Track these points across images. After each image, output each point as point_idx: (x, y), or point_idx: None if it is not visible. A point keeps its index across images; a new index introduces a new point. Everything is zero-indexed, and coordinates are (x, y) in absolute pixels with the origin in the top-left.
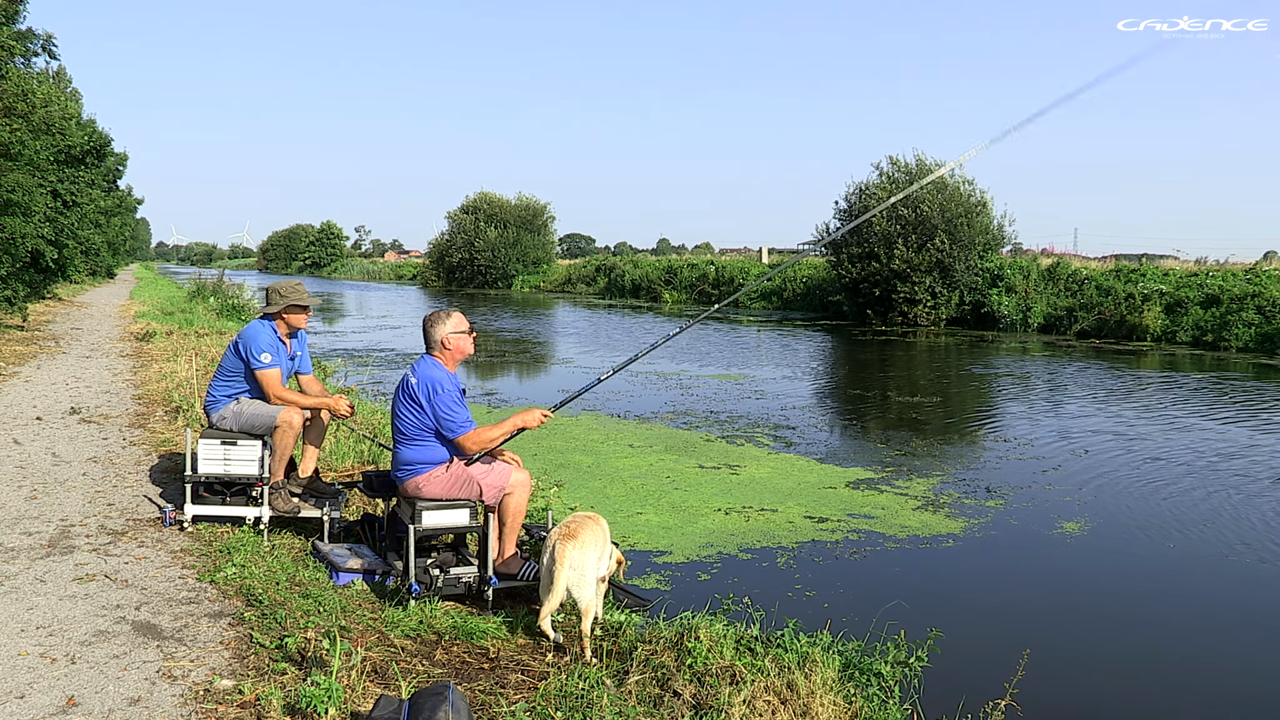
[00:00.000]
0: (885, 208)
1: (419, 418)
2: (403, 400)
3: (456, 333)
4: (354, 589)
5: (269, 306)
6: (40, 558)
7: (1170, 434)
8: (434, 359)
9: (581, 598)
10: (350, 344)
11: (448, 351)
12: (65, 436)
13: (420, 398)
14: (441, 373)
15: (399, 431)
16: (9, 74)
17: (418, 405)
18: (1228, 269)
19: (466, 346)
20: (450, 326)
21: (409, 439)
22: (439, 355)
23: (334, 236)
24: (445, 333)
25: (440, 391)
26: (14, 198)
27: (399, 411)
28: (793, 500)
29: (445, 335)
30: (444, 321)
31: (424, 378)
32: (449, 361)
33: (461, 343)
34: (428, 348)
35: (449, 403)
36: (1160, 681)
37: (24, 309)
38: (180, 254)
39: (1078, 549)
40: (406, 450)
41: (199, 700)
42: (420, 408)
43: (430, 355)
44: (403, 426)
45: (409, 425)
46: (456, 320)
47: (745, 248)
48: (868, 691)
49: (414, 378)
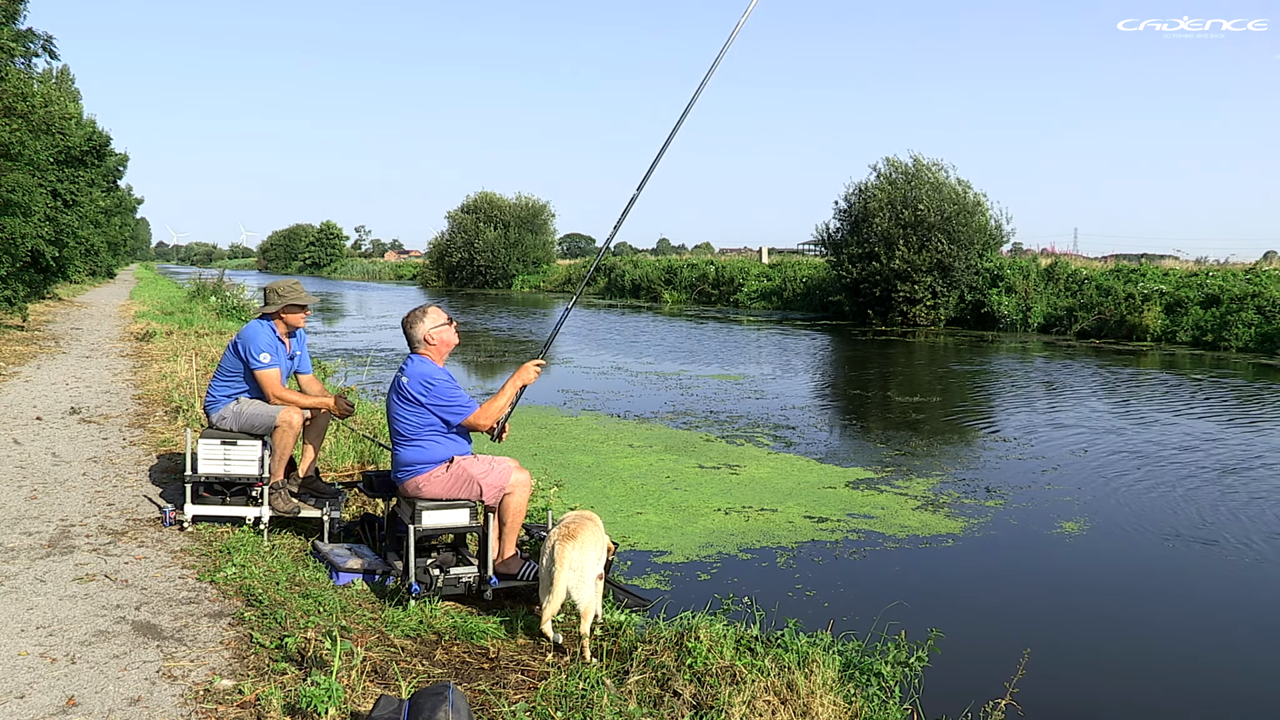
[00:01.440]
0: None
1: (417, 417)
2: (397, 401)
3: (437, 326)
4: (354, 589)
5: (267, 306)
6: (40, 558)
7: (1170, 434)
8: (421, 356)
9: (581, 599)
10: (350, 344)
11: (432, 347)
12: (65, 436)
13: (416, 394)
14: (431, 366)
15: (396, 433)
16: (9, 74)
17: (414, 404)
18: (1228, 269)
19: (450, 337)
20: (430, 322)
21: (407, 439)
22: (425, 352)
23: (334, 236)
24: (426, 329)
25: (435, 383)
26: (14, 198)
27: (395, 414)
28: (792, 500)
29: (427, 332)
30: (422, 320)
31: (415, 375)
32: (436, 356)
33: (444, 334)
34: (411, 347)
35: (447, 391)
36: (1160, 681)
37: (24, 309)
38: (180, 254)
39: (1077, 549)
40: (405, 451)
41: (199, 700)
42: (418, 405)
43: (416, 354)
44: (400, 428)
45: (406, 425)
46: (434, 315)
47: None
48: (868, 691)
49: (405, 377)
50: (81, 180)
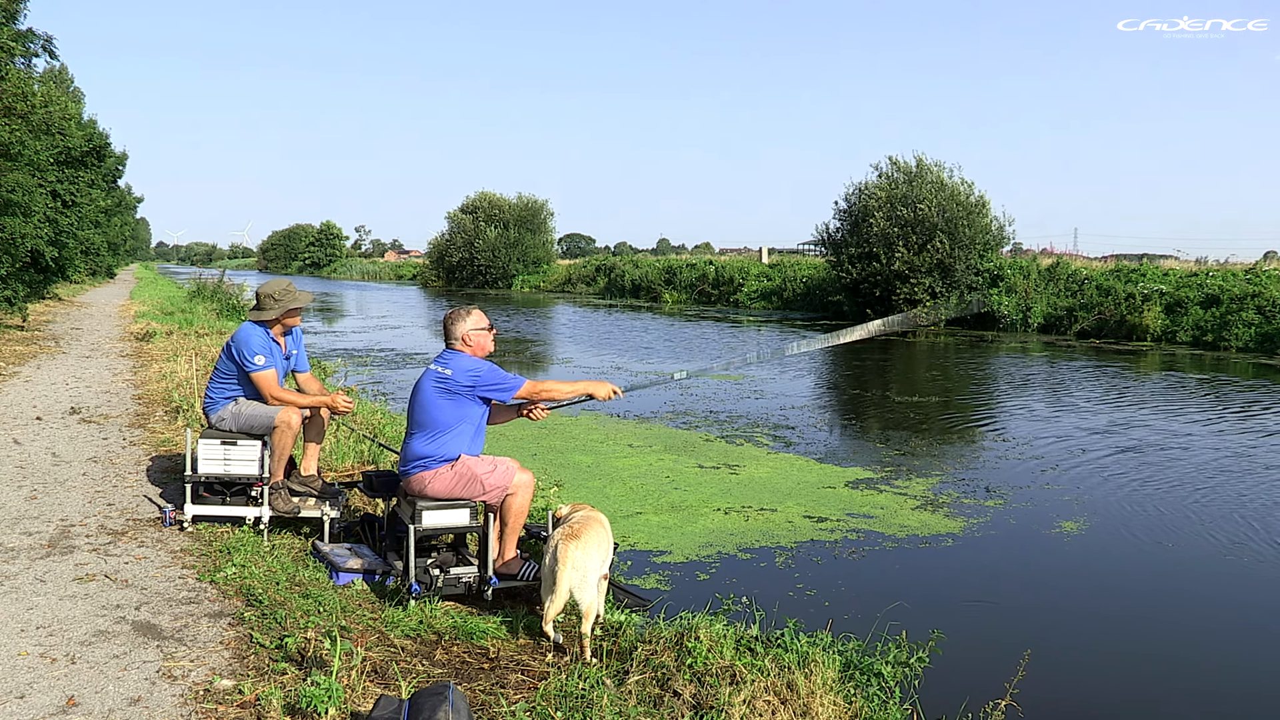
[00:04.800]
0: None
1: (458, 408)
2: (434, 391)
3: (477, 329)
4: (354, 589)
5: (264, 313)
6: (40, 558)
7: (1169, 434)
8: (459, 350)
9: (583, 599)
10: (350, 344)
11: (469, 348)
12: (65, 436)
13: (465, 384)
14: (473, 359)
15: (416, 424)
16: (9, 74)
17: (456, 395)
18: (1228, 269)
19: (487, 344)
20: (471, 323)
21: (427, 432)
22: (461, 349)
23: (334, 236)
24: (466, 329)
25: (483, 372)
26: (14, 198)
27: (425, 402)
28: (792, 500)
29: (466, 332)
30: (465, 319)
31: (461, 367)
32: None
33: (482, 339)
34: (448, 343)
35: (494, 372)
36: (1160, 681)
37: (24, 309)
38: (180, 254)
39: (1077, 549)
40: (419, 443)
41: (199, 700)
42: (460, 397)
43: (453, 348)
44: (422, 418)
45: (431, 416)
46: (477, 317)
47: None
48: (868, 691)
49: (447, 370)
50: (81, 181)
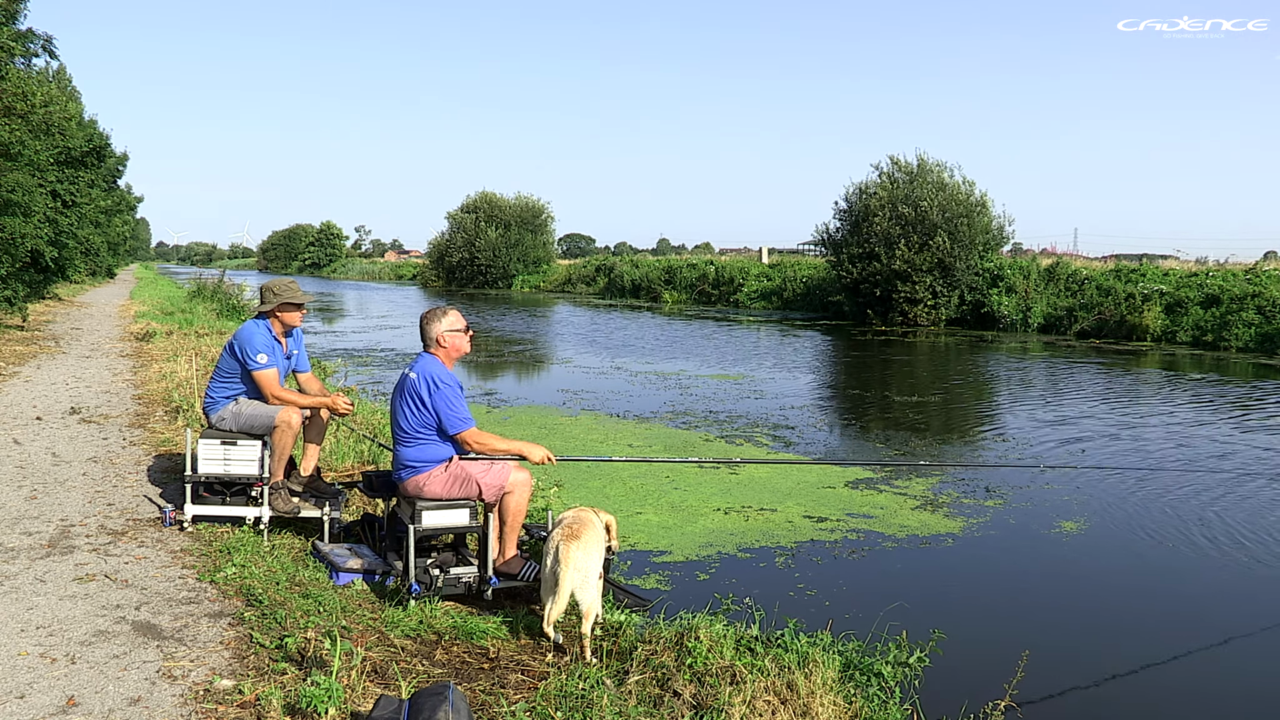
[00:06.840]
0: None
1: (420, 415)
2: (403, 398)
3: (452, 330)
4: (354, 589)
5: (263, 305)
6: (40, 558)
7: (1168, 433)
8: (432, 355)
9: (584, 599)
10: (350, 344)
11: (443, 349)
12: (65, 436)
13: (421, 393)
14: (440, 369)
15: (399, 430)
16: (9, 74)
17: (418, 402)
18: (1228, 269)
19: (463, 345)
20: (446, 324)
21: (410, 438)
22: (435, 352)
23: (334, 236)
24: (441, 330)
25: (440, 386)
26: (14, 198)
27: (399, 410)
28: (792, 500)
29: (441, 332)
30: (440, 319)
31: (423, 373)
32: (445, 359)
33: (458, 340)
34: (424, 345)
35: (450, 398)
36: (1160, 681)
37: (24, 309)
38: (180, 254)
39: (1077, 548)
40: (407, 450)
41: (199, 700)
42: (421, 404)
43: (428, 352)
44: (403, 425)
45: (409, 424)
46: (453, 318)
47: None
48: (868, 691)
49: (413, 374)
50: (81, 181)
